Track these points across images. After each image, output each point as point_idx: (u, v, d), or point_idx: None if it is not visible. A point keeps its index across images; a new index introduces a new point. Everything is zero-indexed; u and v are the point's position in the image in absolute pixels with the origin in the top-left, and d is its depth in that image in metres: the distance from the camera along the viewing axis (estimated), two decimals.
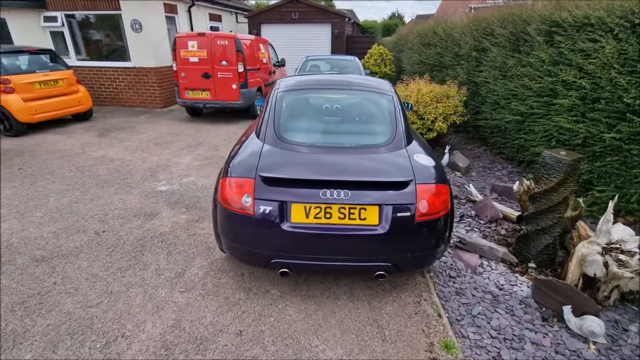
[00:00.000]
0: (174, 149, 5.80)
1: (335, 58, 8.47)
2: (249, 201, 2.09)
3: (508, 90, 4.71)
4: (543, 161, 2.61)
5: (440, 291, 2.52)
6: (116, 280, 2.54)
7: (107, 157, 5.33)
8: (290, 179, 2.09)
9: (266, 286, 2.50)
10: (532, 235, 2.78)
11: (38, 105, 6.61)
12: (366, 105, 2.98)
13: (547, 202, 2.63)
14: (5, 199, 3.86)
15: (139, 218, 3.46)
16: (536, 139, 4.24)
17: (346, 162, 2.26)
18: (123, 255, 2.84)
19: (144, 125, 7.53)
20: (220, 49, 7.36)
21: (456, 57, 6.44)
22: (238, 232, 2.17)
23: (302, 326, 2.15)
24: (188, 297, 2.38)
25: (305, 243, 2.09)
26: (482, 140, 5.95)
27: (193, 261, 2.78)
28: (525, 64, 4.36)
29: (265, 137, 2.52)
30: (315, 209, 2.07)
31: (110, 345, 1.99)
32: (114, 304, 2.31)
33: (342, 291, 2.47)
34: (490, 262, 2.88)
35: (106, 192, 4.07)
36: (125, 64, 9.10)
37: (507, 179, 4.59)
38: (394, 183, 2.10)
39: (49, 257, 2.81)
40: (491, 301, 2.42)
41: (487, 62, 5.25)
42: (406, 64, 9.62)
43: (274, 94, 2.94)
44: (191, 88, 7.64)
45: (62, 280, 2.54)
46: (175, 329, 2.12)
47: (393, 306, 2.34)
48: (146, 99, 9.39)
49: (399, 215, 2.05)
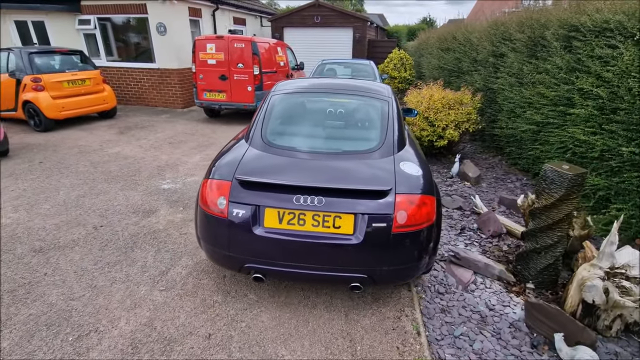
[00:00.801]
0: (186, 149, 5.94)
1: (350, 62, 8.41)
2: (223, 203, 2.08)
3: (524, 98, 4.46)
4: (544, 174, 2.43)
5: (425, 307, 2.39)
6: (102, 274, 2.61)
7: (121, 154, 5.53)
8: (265, 183, 2.05)
9: (245, 290, 2.47)
10: (531, 254, 2.59)
11: (65, 102, 6.99)
12: (359, 110, 2.90)
13: (547, 219, 2.44)
14: (21, 190, 4.08)
15: (137, 215, 3.55)
16: (552, 150, 3.99)
17: (326, 168, 2.20)
18: (114, 251, 2.91)
19: (163, 124, 7.78)
20: (237, 51, 7.49)
21: (474, 63, 6.20)
22: (213, 234, 2.16)
23: (272, 334, 2.10)
24: (166, 296, 2.39)
25: (277, 249, 2.04)
26: (497, 150, 5.68)
27: (179, 260, 2.80)
28: (541, 70, 4.11)
29: (252, 140, 2.51)
30: (288, 215, 2.03)
31: (82, 339, 2.03)
32: (95, 298, 2.36)
33: (321, 300, 2.40)
34: (485, 279, 2.71)
35: (113, 187, 4.21)
36: (150, 65, 9.47)
37: (520, 192, 4.34)
38: (371, 192, 2.02)
39: (46, 248, 2.93)
40: (478, 322, 2.27)
41: (504, 68, 5.00)
42: (425, 69, 9.39)
43: (268, 97, 2.93)
44: (208, 89, 7.82)
45: (52, 271, 2.63)
46: (147, 327, 2.13)
47: (371, 320, 2.24)
48: (168, 100, 9.72)
49: (375, 225, 1.97)
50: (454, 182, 4.66)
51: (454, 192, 4.35)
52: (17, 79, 6.72)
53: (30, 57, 6.75)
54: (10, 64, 6.85)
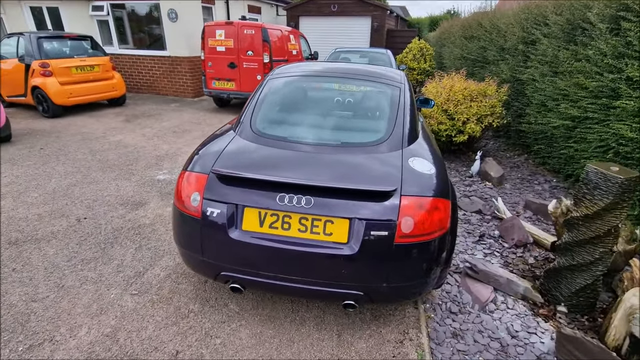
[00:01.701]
0: (189, 138, 5.70)
1: (365, 50, 7.97)
2: (197, 200, 1.77)
3: (557, 90, 3.95)
4: (586, 177, 2.00)
5: (434, 330, 2.03)
6: (74, 273, 2.36)
7: (122, 143, 5.34)
8: (245, 179, 1.73)
9: (225, 299, 2.17)
10: (564, 271, 2.17)
11: (73, 89, 6.87)
12: (366, 97, 2.53)
13: (588, 231, 2.02)
14: (14, 177, 3.93)
15: (125, 207, 3.31)
16: (589, 149, 3.49)
17: (319, 163, 1.86)
18: (92, 246, 2.67)
19: (170, 113, 7.58)
20: (248, 38, 7.18)
21: (501, 52, 5.65)
22: (186, 236, 1.86)
23: (249, 355, 1.79)
24: (137, 302, 2.12)
25: (257, 256, 1.72)
26: (524, 148, 5.16)
27: (160, 260, 2.53)
28: (581, 57, 3.60)
29: (239, 129, 2.19)
30: (271, 217, 1.70)
31: (33, 349, 1.78)
32: (59, 300, 2.12)
33: (311, 315, 2.07)
34: (506, 298, 2.31)
35: (106, 177, 4.00)
36: (161, 53, 9.29)
37: (548, 195, 3.87)
38: (371, 192, 1.66)
39: (22, 240, 2.72)
40: (497, 352, 1.89)
41: (536, 56, 4.48)
42: (447, 59, 8.82)
43: (264, 81, 2.60)
44: (217, 78, 7.56)
45: (22, 267, 2.41)
46: (109, 339, 1.86)
47: (368, 343, 1.90)
48: (179, 88, 9.54)
49: (373, 234, 1.61)
50: (473, 182, 4.22)
51: (473, 193, 3.91)
52: (26, 64, 6.64)
53: (39, 42, 6.65)
54: (20, 49, 6.78)
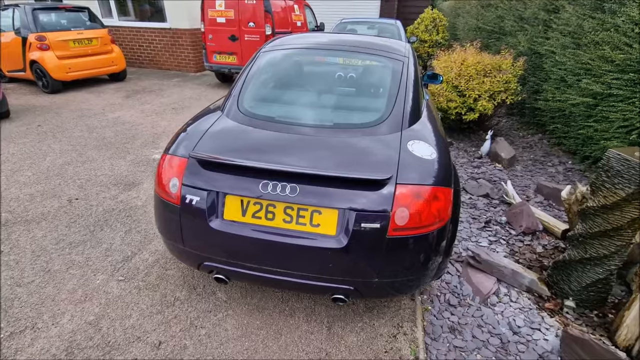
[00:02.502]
0: (188, 115, 5.52)
1: (373, 21, 7.51)
2: (176, 186, 1.64)
3: (580, 64, 3.62)
4: (606, 163, 1.80)
5: (430, 323, 1.92)
6: (61, 256, 2.30)
7: (120, 119, 5.22)
8: (225, 164, 1.58)
9: (213, 287, 2.09)
10: (575, 264, 2.02)
11: (71, 63, 6.69)
12: (365, 72, 2.32)
13: (604, 223, 1.84)
14: (9, 155, 3.86)
15: (118, 187, 3.22)
16: (610, 129, 3.23)
17: (308, 147, 1.70)
18: (81, 229, 2.60)
19: (172, 89, 7.39)
20: (249, 8, 6.81)
21: (519, 21, 5.23)
22: (166, 223, 1.75)
23: (234, 348, 1.72)
24: (123, 288, 2.06)
25: (240, 247, 1.61)
26: (539, 127, 4.87)
27: (149, 244, 2.45)
28: (608, 27, 3.25)
29: (226, 108, 2.03)
30: (254, 206, 1.56)
31: (14, 337, 1.73)
32: (44, 285, 2.06)
33: (302, 306, 1.98)
34: (510, 290, 2.18)
35: (101, 155, 3.91)
36: (161, 25, 8.96)
37: (562, 178, 3.64)
38: (362, 180, 1.50)
39: (12, 221, 2.67)
40: (497, 349, 1.78)
41: (558, 25, 4.10)
42: (461, 30, 8.29)
43: (255, 55, 2.40)
44: (218, 51, 7.27)
45: (9, 249, 2.36)
46: (92, 327, 1.80)
47: (359, 337, 1.80)
48: (181, 62, 9.26)
49: (364, 226, 1.47)
50: (482, 163, 4.00)
51: (481, 175, 3.71)
52: (23, 37, 6.45)
53: (34, 14, 6.43)
54: (16, 22, 6.58)
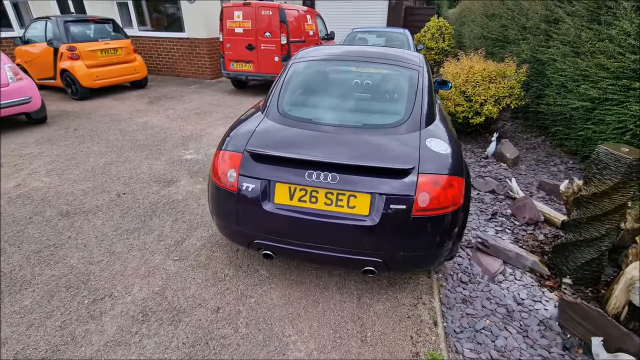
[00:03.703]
0: (211, 120, 5.92)
1: (382, 30, 7.87)
2: (234, 176, 1.98)
3: (578, 70, 3.93)
4: (596, 158, 2.11)
5: (445, 296, 2.23)
6: (121, 241, 2.65)
7: (149, 124, 5.61)
8: (276, 157, 1.92)
9: (257, 266, 2.42)
10: (571, 247, 2.31)
11: (99, 71, 7.14)
12: (385, 80, 2.65)
13: (596, 209, 2.14)
14: (55, 155, 4.25)
15: (158, 184, 3.58)
16: (607, 130, 3.52)
17: (343, 143, 2.03)
18: (134, 218, 2.95)
19: (191, 95, 7.80)
20: (265, 19, 7.22)
21: (522, 31, 5.55)
22: (223, 208, 2.08)
23: (280, 313, 2.04)
24: (179, 266, 2.39)
25: (288, 227, 1.94)
26: (541, 129, 5.16)
27: (195, 231, 2.79)
28: (604, 37, 3.57)
29: (267, 111, 2.37)
30: (300, 191, 1.90)
31: (97, 302, 2.07)
32: (112, 264, 2.41)
33: (333, 281, 2.30)
34: (515, 270, 2.48)
35: (138, 156, 4.28)
36: (179, 35, 9.42)
37: (563, 176, 3.93)
38: (390, 170, 1.83)
39: (72, 212, 3.03)
40: (503, 317, 2.08)
41: (558, 36, 4.42)
42: (467, 38, 8.63)
43: (288, 65, 2.75)
44: (235, 59, 7.67)
45: (76, 235, 2.72)
46: (159, 296, 2.14)
47: (385, 305, 2.12)
48: (197, 70, 9.71)
49: (392, 207, 1.79)
50: (488, 163, 4.31)
51: (487, 173, 4.01)
52: (55, 47, 6.91)
53: (65, 26, 6.89)
54: (48, 33, 7.05)
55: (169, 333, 1.89)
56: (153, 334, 1.87)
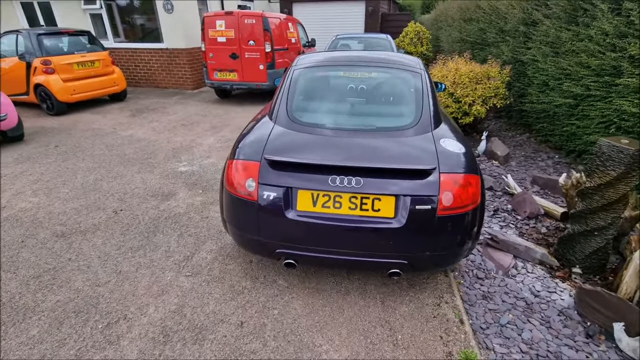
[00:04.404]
0: (199, 130, 5.79)
1: (366, 36, 8.01)
2: (252, 186, 1.94)
3: (560, 69, 4.14)
4: (599, 150, 2.21)
5: (465, 294, 2.26)
6: (126, 260, 2.53)
7: (135, 137, 5.43)
8: (297, 163, 1.90)
9: (273, 276, 2.37)
10: (578, 237, 2.41)
11: (76, 85, 6.86)
12: (390, 84, 2.68)
13: (601, 200, 2.24)
14: (39, 174, 4.03)
15: (156, 198, 3.45)
16: (591, 125, 3.71)
17: (361, 147, 2.03)
18: (136, 235, 2.83)
19: (174, 106, 7.62)
20: (248, 28, 7.19)
21: (501, 33, 5.80)
22: (242, 218, 2.03)
23: (306, 322, 2.00)
24: (193, 282, 2.31)
25: (311, 234, 1.91)
26: (525, 127, 5.38)
27: (203, 245, 2.71)
28: (583, 37, 3.78)
29: (277, 118, 2.34)
30: (323, 197, 1.88)
31: (112, 326, 1.96)
32: (121, 284, 2.29)
33: (354, 287, 2.28)
34: (525, 263, 2.55)
35: (129, 171, 4.12)
36: (158, 45, 9.22)
37: (552, 171, 4.11)
38: (413, 171, 1.84)
39: (68, 232, 2.87)
40: (524, 309, 2.12)
41: (537, 37, 4.64)
42: (445, 42, 8.93)
43: (290, 72, 2.73)
44: (219, 69, 7.58)
45: (76, 256, 2.57)
46: (177, 314, 2.05)
47: (409, 307, 2.12)
48: (178, 80, 9.51)
49: (418, 208, 1.81)
50: (481, 161, 4.44)
51: (482, 171, 4.13)
52: (27, 62, 6.59)
53: (38, 39, 6.59)
54: (20, 47, 6.71)
55: (194, 353, 1.80)
56: (178, 355, 1.79)
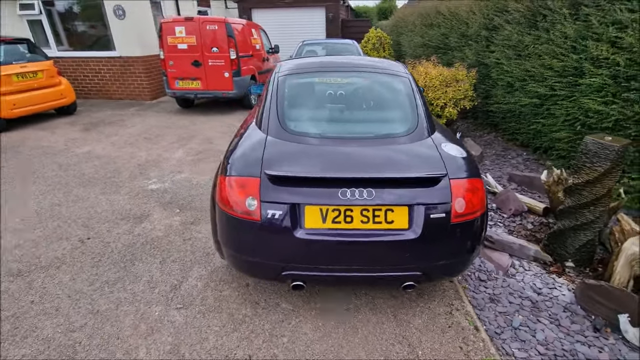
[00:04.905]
0: (165, 144, 5.41)
1: (332, 42, 8.03)
2: (254, 204, 1.76)
3: (524, 71, 4.37)
4: (585, 148, 2.31)
5: (473, 298, 2.24)
6: (103, 296, 2.22)
7: (92, 154, 4.93)
8: (304, 178, 1.76)
9: (275, 299, 2.19)
10: (568, 232, 2.49)
11: (17, 99, 6.14)
12: (381, 89, 2.63)
13: (590, 195, 2.33)
14: None
15: (127, 221, 3.11)
16: (557, 123, 3.93)
17: (366, 156, 1.94)
18: (111, 266, 2.50)
19: (132, 118, 7.09)
20: (211, 34, 6.89)
21: (463, 38, 6.06)
22: (242, 240, 1.85)
23: (320, 347, 1.86)
24: (186, 315, 2.06)
25: (322, 252, 1.77)
26: (492, 126, 5.64)
27: (190, 271, 2.46)
28: (544, 41, 4.02)
29: (268, 128, 2.18)
30: (333, 212, 1.75)
31: None
32: (100, 326, 1.99)
33: (362, 302, 2.17)
34: (521, 261, 2.59)
35: (91, 192, 3.70)
36: (109, 54, 8.57)
37: (524, 167, 4.30)
38: (425, 179, 1.78)
39: (26, 270, 2.47)
40: (531, 309, 2.14)
41: (500, 41, 4.89)
42: (407, 47, 9.20)
43: (274, 79, 2.58)
44: (181, 77, 7.18)
45: (40, 298, 2.21)
46: (173, 355, 1.81)
47: (422, 319, 2.05)
48: (134, 91, 8.90)
49: (433, 216, 1.74)
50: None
51: None
52: None
53: None
54: None
55: None
56: None
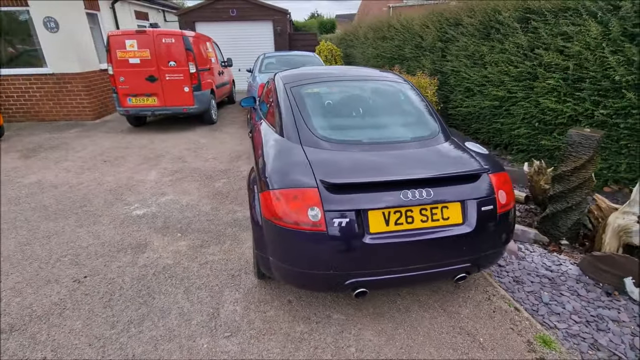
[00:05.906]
0: (131, 165, 4.94)
1: (292, 54, 8.10)
2: (317, 215, 1.73)
3: (482, 77, 4.90)
4: (570, 140, 2.68)
5: (501, 283, 2.43)
6: (133, 338, 1.96)
7: (45, 183, 4.31)
8: (366, 183, 1.78)
9: (324, 311, 2.15)
10: (560, 214, 2.85)
11: None
12: (396, 96, 2.76)
13: (577, 180, 2.70)
14: None
15: (125, 253, 2.78)
16: (516, 122, 4.47)
17: (412, 158, 2.03)
18: (127, 304, 2.22)
19: (78, 140, 6.35)
20: (166, 47, 6.52)
21: (418, 49, 6.58)
22: (303, 253, 1.79)
23: (390, 351, 1.86)
24: (239, 343, 1.92)
25: (387, 255, 1.80)
26: (453, 128, 6.18)
27: (222, 296, 2.28)
28: (499, 50, 4.56)
29: (300, 138, 2.16)
30: (395, 214, 1.80)
31: None
32: None
33: (408, 302, 2.23)
34: (524, 245, 2.89)
35: (65, 225, 3.23)
36: (39, 71, 7.59)
37: None
38: (472, 175, 1.92)
39: (19, 324, 2.07)
40: (551, 285, 2.40)
41: (456, 51, 5.42)
42: (360, 58, 9.67)
43: (284, 90, 2.56)
44: (134, 94, 6.64)
45: (54, 353, 1.87)
46: None
47: (468, 308, 2.17)
48: (72, 111, 7.97)
49: (483, 209, 1.88)
50: None
51: None
52: None
53: None
54: None
55: None
56: None
